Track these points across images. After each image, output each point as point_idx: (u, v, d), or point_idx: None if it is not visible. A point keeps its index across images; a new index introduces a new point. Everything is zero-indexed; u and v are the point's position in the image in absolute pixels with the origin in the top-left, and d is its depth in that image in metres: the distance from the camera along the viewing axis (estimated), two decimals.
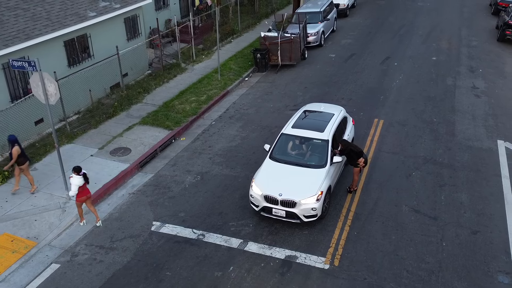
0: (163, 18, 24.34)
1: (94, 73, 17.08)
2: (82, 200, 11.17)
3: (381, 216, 11.70)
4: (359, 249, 10.62)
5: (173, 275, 10.01)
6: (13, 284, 9.82)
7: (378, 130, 15.84)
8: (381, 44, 24.83)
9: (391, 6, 32.85)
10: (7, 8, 14.97)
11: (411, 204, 12.11)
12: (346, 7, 30.01)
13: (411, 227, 11.30)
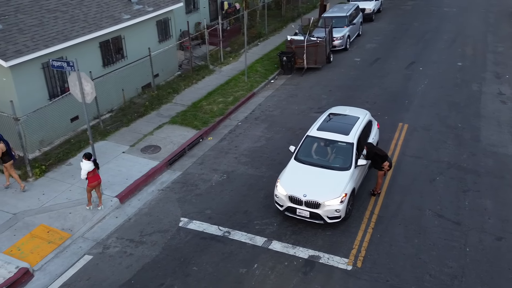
0: (193, 21, 24.56)
1: (127, 73, 17.37)
2: (93, 185, 11.56)
3: (404, 220, 11.53)
4: (381, 252, 10.49)
5: (199, 270, 10.10)
6: (48, 273, 10.08)
7: (402, 134, 15.61)
8: (406, 49, 24.47)
9: (417, 11, 32.33)
10: (48, 11, 15.37)
11: (434, 209, 11.90)
12: (372, 12, 29.69)
13: (434, 231, 11.11)
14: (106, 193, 12.49)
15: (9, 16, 14.29)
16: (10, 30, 13.76)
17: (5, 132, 13.77)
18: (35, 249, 10.64)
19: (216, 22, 23.53)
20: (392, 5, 34.14)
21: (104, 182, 12.66)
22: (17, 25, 14.11)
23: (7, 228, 11.25)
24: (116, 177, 13.18)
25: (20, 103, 13.38)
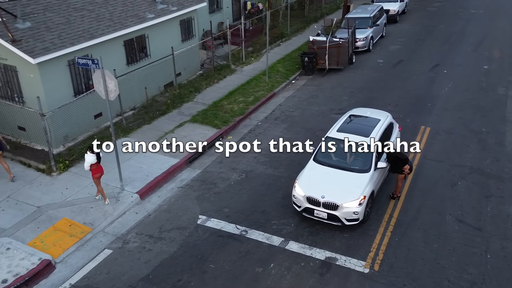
0: (216, 21, 24.73)
1: (150, 71, 17.60)
2: (97, 177, 11.85)
3: (423, 224, 11.38)
4: (399, 255, 10.38)
5: (216, 268, 10.18)
6: (70, 266, 10.32)
7: (424, 138, 15.39)
8: (430, 51, 24.09)
9: (442, 13, 31.78)
10: (75, 9, 15.72)
11: (455, 214, 11.70)
12: (396, 13, 29.33)
13: (454, 236, 10.92)
14: (127, 189, 12.70)
15: (38, 14, 14.67)
16: (39, 28, 14.12)
17: (31, 127, 14.18)
18: (58, 241, 10.90)
19: (239, 22, 23.64)
20: (417, 6, 33.65)
21: (125, 178, 12.88)
22: (45, 23, 14.46)
23: (31, 220, 11.55)
24: (137, 173, 13.39)
25: (46, 99, 13.70)
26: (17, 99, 14.36)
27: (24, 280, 9.76)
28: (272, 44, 24.84)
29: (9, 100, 14.46)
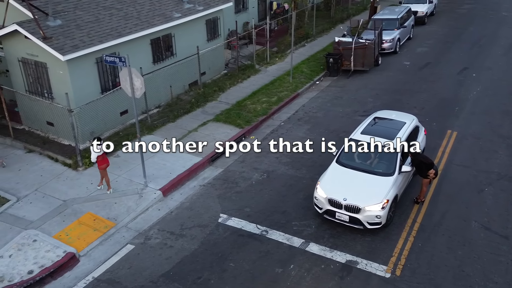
0: (241, 21, 24.81)
1: (176, 70, 17.79)
2: (103, 167, 12.21)
3: (448, 230, 11.15)
4: (422, 261, 10.20)
5: (236, 267, 10.21)
6: (93, 259, 10.52)
7: (450, 142, 15.09)
8: (459, 53, 23.60)
9: (472, 15, 31.09)
10: (104, 8, 16.01)
11: (481, 221, 11.43)
12: (424, 14, 28.84)
13: (479, 244, 10.66)
14: (150, 185, 12.87)
15: (69, 12, 15.00)
16: (69, 26, 14.44)
17: (59, 123, 14.51)
18: (82, 235, 11.12)
19: (264, 22, 23.66)
20: (447, 8, 33.01)
21: (149, 175, 13.05)
22: (75, 21, 14.77)
23: (57, 213, 11.83)
24: (161, 170, 13.55)
25: (74, 96, 13.98)
26: (46, 95, 14.71)
27: (49, 271, 10.00)
28: (297, 45, 24.76)
29: (39, 96, 14.83)
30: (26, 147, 14.74)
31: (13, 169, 13.65)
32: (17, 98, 15.67)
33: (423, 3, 29.50)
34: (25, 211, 11.91)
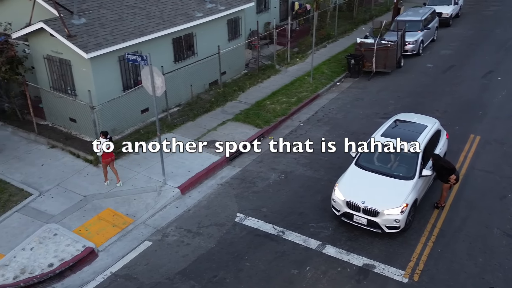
0: (263, 21, 24.80)
1: (196, 69, 17.88)
2: (107, 161, 12.40)
3: (468, 236, 10.93)
4: (441, 267, 10.02)
5: (251, 266, 10.22)
6: (111, 255, 10.68)
7: (473, 147, 14.78)
8: (484, 56, 23.09)
9: (499, 17, 30.38)
10: (127, 7, 16.21)
11: (503, 228, 11.16)
12: (449, 16, 28.34)
13: (501, 251, 10.43)
14: (169, 183, 12.98)
15: (93, 11, 15.23)
16: (93, 24, 14.66)
17: (81, 119, 14.75)
18: (101, 231, 11.29)
19: (286, 23, 23.60)
20: (473, 10, 32.35)
21: (168, 172, 13.16)
22: (99, 19, 15.00)
23: (77, 208, 12.03)
24: (179, 168, 13.64)
25: (96, 93, 14.20)
26: (69, 91, 14.96)
27: (69, 265, 10.19)
28: (318, 45, 24.62)
29: (62, 92, 15.09)
30: (49, 142, 15.04)
31: (36, 164, 13.94)
32: (41, 95, 15.99)
33: (448, 4, 28.98)
34: (47, 205, 12.16)
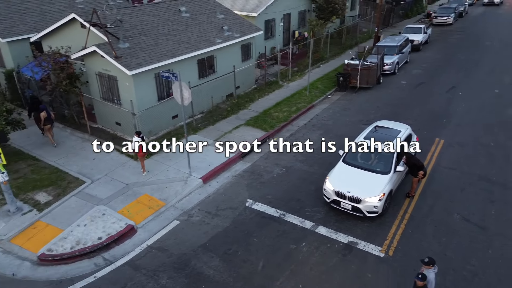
0: (269, 45, 24.76)
1: (216, 84, 17.91)
2: (142, 155, 12.52)
3: (434, 221, 10.84)
4: (411, 245, 9.95)
5: (259, 242, 10.23)
6: (147, 231, 10.74)
7: (438, 148, 14.64)
8: (448, 75, 22.83)
9: (461, 44, 29.98)
10: (162, 34, 16.29)
11: (462, 214, 11.05)
12: (420, 43, 28.05)
13: (460, 233, 10.32)
14: (193, 174, 13.01)
15: (135, 37, 15.35)
16: (134, 48, 14.78)
17: (125, 123, 14.82)
18: (139, 212, 11.36)
19: (288, 47, 23.54)
20: (440, 37, 31.98)
21: (193, 166, 13.20)
22: (140, 44, 15.11)
23: (121, 194, 12.13)
24: (202, 163, 13.67)
25: (137, 102, 14.29)
26: (116, 101, 15.07)
27: (114, 239, 10.28)
28: (314, 66, 24.51)
29: (110, 101, 15.22)
30: (99, 141, 15.15)
31: (89, 158, 14.05)
32: (94, 103, 16.13)
33: (419, 33, 28.69)
34: (97, 191, 12.26)
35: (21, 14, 19.44)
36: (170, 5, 18.57)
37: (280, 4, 25.04)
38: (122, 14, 16.14)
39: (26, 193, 12.09)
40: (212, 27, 18.40)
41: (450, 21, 36.35)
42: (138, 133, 12.49)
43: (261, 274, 9.25)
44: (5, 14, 18.97)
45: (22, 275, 9.39)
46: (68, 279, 9.24)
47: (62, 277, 9.30)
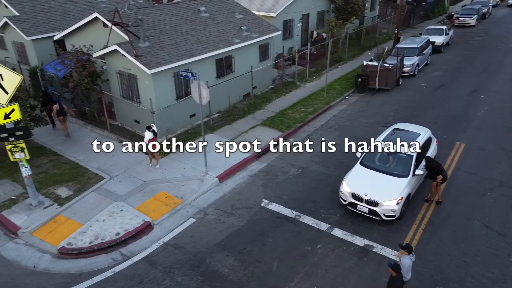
0: (287, 46, 24.70)
1: (233, 84, 17.96)
2: (153, 147, 12.73)
3: (452, 226, 10.61)
4: (429, 250, 9.78)
5: (273, 242, 10.22)
6: (164, 228, 10.88)
7: (458, 152, 14.32)
8: (469, 78, 22.30)
9: (483, 46, 29.24)
10: (181, 33, 16.45)
11: (482, 220, 10.79)
12: (441, 44, 27.48)
13: (480, 239, 10.08)
14: (209, 173, 13.10)
15: (154, 36, 15.55)
16: (154, 47, 14.96)
17: (144, 121, 15.03)
18: (156, 209, 11.50)
19: (306, 48, 23.44)
20: (461, 39, 31.28)
21: (209, 165, 13.29)
22: (159, 43, 15.28)
23: (139, 191, 12.31)
24: (218, 162, 13.73)
25: (156, 101, 14.46)
26: (135, 99, 15.29)
27: (131, 235, 10.45)
28: (332, 66, 24.33)
29: (130, 100, 15.45)
30: (119, 138, 15.43)
31: (108, 154, 14.24)
32: (114, 101, 16.41)
33: (440, 35, 28.13)
34: (115, 187, 12.48)
35: (45, 13, 19.98)
36: (189, 4, 18.74)
37: (299, 5, 24.95)
38: (143, 13, 16.37)
39: (47, 188, 12.41)
40: (230, 27, 18.47)
41: (472, 23, 35.51)
42: (149, 128, 12.69)
43: (276, 274, 9.25)
44: (30, 12, 19.53)
45: (42, 268, 9.65)
46: (87, 272, 9.44)
47: (80, 271, 9.52)
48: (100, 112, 16.51)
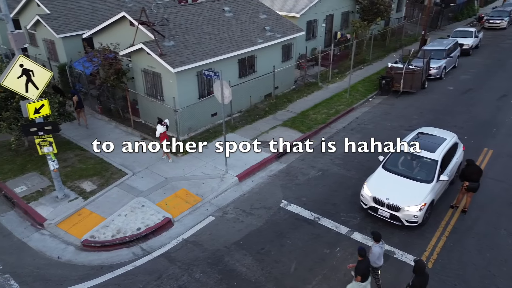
0: (310, 46, 24.54)
1: (255, 84, 17.98)
2: (163, 139, 12.95)
3: (478, 234, 10.28)
4: (452, 258, 9.50)
5: (292, 244, 10.18)
6: (183, 225, 11.01)
7: (486, 159, 13.85)
8: (499, 82, 21.52)
9: None
10: (205, 33, 16.60)
11: (510, 229, 10.39)
12: (470, 47, 26.64)
13: (507, 249, 9.72)
14: (229, 172, 13.17)
15: (179, 36, 15.76)
16: (179, 46, 15.16)
17: (166, 118, 15.22)
18: (177, 205, 11.66)
19: (329, 48, 23.21)
20: (491, 42, 30.23)
21: (229, 164, 13.36)
22: (184, 42, 15.48)
23: (160, 187, 12.50)
24: (238, 161, 13.79)
25: (179, 99, 14.64)
26: (159, 97, 15.54)
27: (152, 230, 10.63)
28: (355, 68, 23.98)
29: (153, 97, 15.73)
30: (142, 135, 15.73)
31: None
32: (138, 99, 16.72)
33: (469, 37, 27.26)
34: (137, 183, 12.72)
35: (75, 12, 20.59)
36: (214, 4, 18.89)
37: (323, 5, 24.73)
38: (168, 13, 16.62)
39: (73, 181, 12.79)
40: (254, 27, 18.51)
41: (503, 25, 34.25)
42: (160, 121, 13.01)
43: (293, 276, 9.21)
44: (60, 11, 20.17)
45: (66, 259, 9.95)
46: (108, 265, 9.67)
47: (102, 263, 9.75)
48: (125, 109, 16.86)
